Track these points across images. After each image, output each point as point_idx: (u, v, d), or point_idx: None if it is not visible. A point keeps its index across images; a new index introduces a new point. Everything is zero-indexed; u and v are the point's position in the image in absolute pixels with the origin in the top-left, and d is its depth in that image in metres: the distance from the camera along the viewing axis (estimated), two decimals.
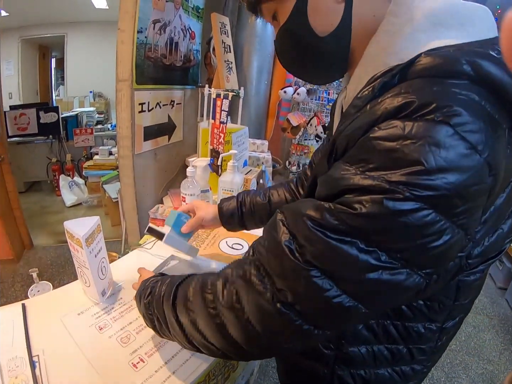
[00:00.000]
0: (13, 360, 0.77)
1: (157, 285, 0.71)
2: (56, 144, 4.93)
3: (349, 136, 0.48)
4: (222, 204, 1.09)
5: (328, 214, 0.45)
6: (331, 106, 0.84)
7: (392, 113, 0.43)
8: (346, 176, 0.45)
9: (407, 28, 0.50)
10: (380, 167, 0.42)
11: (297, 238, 0.47)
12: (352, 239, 0.43)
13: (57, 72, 6.54)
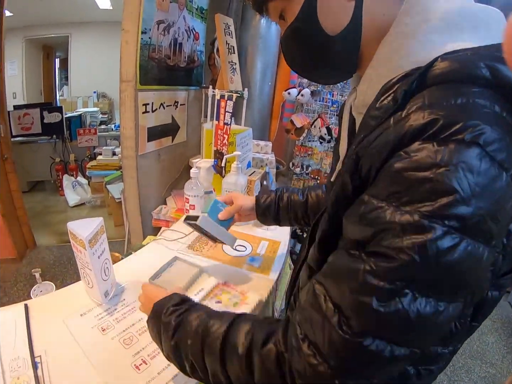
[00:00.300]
0: (15, 360, 0.76)
1: (186, 323, 0.62)
2: (60, 144, 4.96)
3: (374, 155, 0.46)
4: (259, 195, 1.11)
5: (370, 276, 0.42)
6: (340, 109, 0.82)
7: (418, 132, 0.41)
8: (379, 214, 0.43)
9: (421, 30, 0.49)
10: (415, 200, 0.40)
11: (342, 310, 0.44)
12: (400, 297, 0.41)
13: (61, 72, 6.57)
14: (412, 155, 0.41)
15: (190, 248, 1.29)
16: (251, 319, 0.58)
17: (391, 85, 0.49)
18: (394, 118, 0.46)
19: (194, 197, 1.45)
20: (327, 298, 0.46)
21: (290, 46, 0.64)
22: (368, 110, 0.52)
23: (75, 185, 4.53)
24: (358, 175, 0.49)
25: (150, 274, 1.08)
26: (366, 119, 0.52)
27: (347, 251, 0.47)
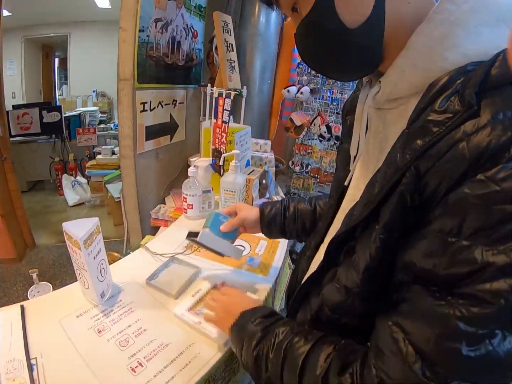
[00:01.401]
0: (11, 362, 0.75)
1: (271, 336, 0.63)
2: (59, 144, 4.96)
3: (445, 173, 0.41)
4: (264, 205, 1.03)
5: (461, 323, 0.39)
6: (343, 106, 0.79)
7: (499, 151, 0.37)
8: (469, 255, 0.39)
9: (471, 20, 0.45)
10: (508, 236, 0.36)
11: (427, 356, 0.42)
12: (491, 339, 0.38)
13: (60, 71, 6.56)
14: (501, 184, 0.36)
15: (188, 248, 1.28)
16: (334, 342, 0.56)
17: (446, 82, 0.44)
18: (465, 128, 0.41)
19: (192, 196, 1.45)
20: (407, 342, 0.44)
21: (305, 41, 0.58)
22: (422, 112, 0.47)
23: (75, 185, 4.53)
24: (418, 194, 0.45)
25: (147, 274, 1.07)
26: (424, 124, 0.45)
27: (427, 290, 0.44)
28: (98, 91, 6.33)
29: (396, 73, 0.52)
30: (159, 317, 0.94)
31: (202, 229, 0.96)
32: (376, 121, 0.61)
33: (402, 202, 0.46)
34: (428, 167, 0.43)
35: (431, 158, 0.43)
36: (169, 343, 0.85)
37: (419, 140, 0.45)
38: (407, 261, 0.46)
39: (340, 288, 0.58)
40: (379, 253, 0.50)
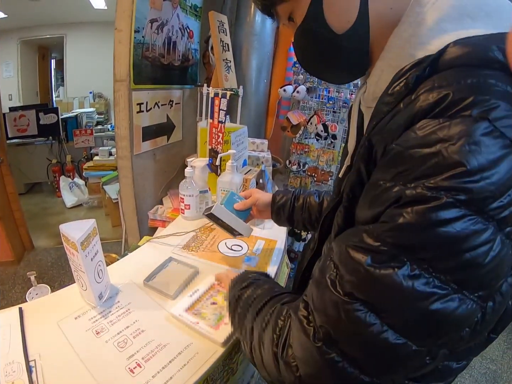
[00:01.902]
0: (10, 365, 0.75)
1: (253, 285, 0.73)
2: (56, 145, 4.95)
3: (386, 139, 0.46)
4: (277, 193, 1.11)
5: (367, 236, 0.43)
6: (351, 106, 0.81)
7: (427, 111, 0.41)
8: (388, 195, 0.43)
9: (432, 18, 0.49)
10: (421, 175, 0.40)
11: (339, 268, 0.45)
12: (395, 264, 0.40)
13: (57, 73, 6.55)
14: (417, 132, 0.41)
15: (185, 249, 1.28)
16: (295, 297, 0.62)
17: (403, 73, 0.48)
18: (404, 101, 0.46)
19: (189, 197, 1.45)
20: (331, 258, 0.48)
21: (301, 47, 0.64)
22: (381, 98, 0.52)
23: (72, 186, 4.53)
24: (373, 163, 0.49)
25: (145, 275, 1.07)
26: (378, 106, 0.51)
27: (356, 227, 0.49)
28: (95, 92, 6.32)
29: (376, 73, 0.57)
30: (157, 317, 0.94)
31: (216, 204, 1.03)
32: (367, 118, 0.64)
33: (358, 171, 0.51)
34: (377, 138, 0.48)
35: (378, 130, 0.49)
36: (167, 343, 0.85)
37: (374, 120, 0.51)
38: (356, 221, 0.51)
39: (318, 262, 0.62)
40: (344, 220, 0.55)
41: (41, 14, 5.01)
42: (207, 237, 1.38)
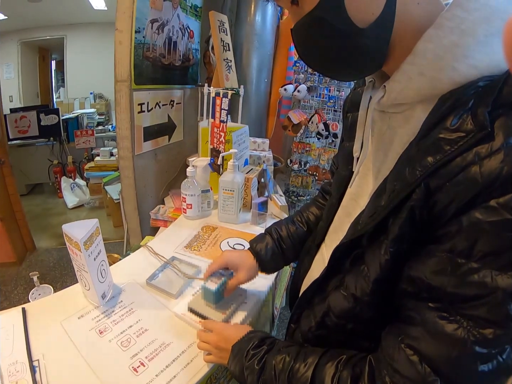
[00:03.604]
0: (14, 365, 0.76)
1: (270, 368, 0.62)
2: (57, 146, 4.95)
3: (456, 194, 0.41)
4: (256, 247, 0.92)
5: (477, 347, 0.41)
6: (344, 104, 0.79)
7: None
8: (477, 279, 0.39)
9: (482, 30, 0.43)
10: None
11: (445, 375, 0.43)
12: (503, 354, 0.40)
13: (57, 74, 6.53)
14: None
15: (187, 248, 1.28)
16: (335, 359, 0.56)
17: (457, 98, 0.44)
18: (478, 150, 0.40)
19: (191, 196, 1.45)
20: (424, 364, 0.45)
21: (307, 38, 0.54)
22: (434, 127, 0.46)
23: (74, 187, 4.53)
24: (427, 210, 0.45)
25: (148, 275, 1.08)
26: (435, 141, 0.44)
27: (434, 309, 0.45)
28: (96, 93, 6.31)
29: (402, 79, 0.50)
30: (160, 317, 0.94)
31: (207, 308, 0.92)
32: (380, 123, 0.60)
33: (411, 217, 0.46)
34: (438, 185, 0.43)
35: (442, 177, 0.43)
36: (170, 342, 0.85)
37: (430, 157, 0.44)
38: (415, 275, 0.47)
39: (348, 296, 0.59)
40: (389, 265, 0.50)
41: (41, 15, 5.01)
42: (209, 236, 1.38)
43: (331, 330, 0.63)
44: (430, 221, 0.45)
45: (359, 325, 0.59)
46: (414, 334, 0.47)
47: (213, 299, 0.89)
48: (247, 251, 0.94)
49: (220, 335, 0.77)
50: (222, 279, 0.88)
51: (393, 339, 0.50)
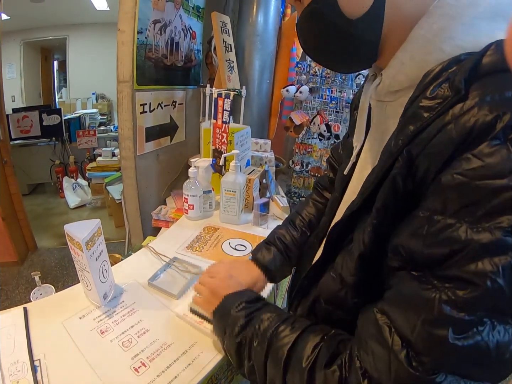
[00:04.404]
0: (15, 364, 0.76)
1: (256, 322, 0.61)
2: (59, 146, 4.95)
3: (433, 156, 0.41)
4: (264, 261, 0.92)
5: (447, 307, 0.37)
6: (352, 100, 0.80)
7: (485, 130, 0.37)
8: (451, 234, 0.38)
9: (468, 13, 0.45)
10: (493, 212, 0.35)
11: (413, 345, 0.40)
12: (479, 328, 0.36)
13: (60, 74, 6.55)
14: (485, 159, 0.36)
15: (189, 248, 1.28)
16: (322, 332, 0.55)
17: (439, 71, 0.45)
18: (453, 111, 0.41)
19: (192, 197, 1.45)
20: (393, 331, 0.42)
21: (306, 31, 0.58)
22: (415, 99, 0.47)
23: (75, 187, 4.53)
24: (411, 178, 0.45)
25: (149, 275, 1.08)
26: (416, 110, 0.46)
27: (412, 275, 0.43)
28: (98, 93, 6.33)
29: (396, 65, 0.52)
30: (161, 317, 0.94)
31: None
32: (378, 113, 0.61)
33: (394, 186, 0.46)
34: (419, 150, 0.44)
35: (421, 142, 0.43)
36: (172, 343, 0.85)
37: (411, 125, 0.46)
38: (396, 243, 0.46)
39: (336, 277, 0.58)
40: (372, 239, 0.50)
41: (44, 15, 5.02)
42: (211, 237, 1.38)
43: (319, 317, 0.63)
44: (415, 192, 0.45)
45: (346, 314, 0.58)
46: (388, 296, 0.46)
47: None
48: (253, 267, 0.93)
49: (222, 281, 0.79)
50: None
51: (368, 307, 0.49)
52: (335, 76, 2.51)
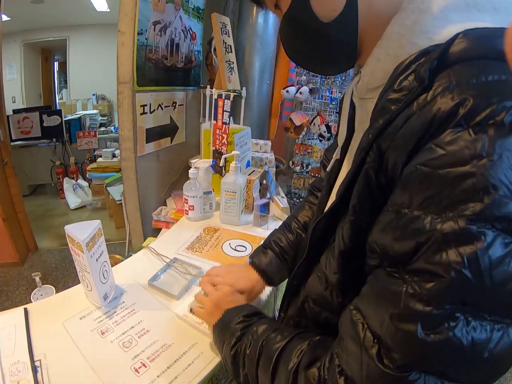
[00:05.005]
0: (15, 365, 0.76)
1: (250, 333, 0.63)
2: (60, 147, 4.96)
3: (398, 148, 0.42)
4: (261, 264, 0.93)
5: (414, 301, 0.36)
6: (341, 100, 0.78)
7: (447, 117, 0.36)
8: (417, 225, 0.37)
9: (438, 6, 0.45)
10: (456, 201, 0.35)
11: (382, 341, 0.39)
12: (450, 323, 0.35)
13: (60, 75, 6.56)
14: (446, 148, 0.36)
15: (189, 249, 1.28)
16: (309, 338, 0.55)
17: (408, 64, 0.45)
18: (418, 102, 0.41)
19: (193, 198, 1.45)
20: (365, 327, 0.42)
21: (286, 36, 0.60)
22: (384, 93, 0.47)
23: (76, 188, 4.54)
24: (383, 173, 0.44)
25: (150, 276, 1.08)
26: (384, 103, 0.46)
27: (385, 270, 0.42)
28: (98, 94, 6.33)
29: (372, 62, 0.53)
30: (161, 318, 0.94)
31: None
32: (360, 111, 0.61)
33: (367, 180, 0.46)
34: (387, 144, 0.44)
35: (389, 135, 0.44)
36: (172, 343, 0.85)
37: (380, 119, 0.46)
38: (370, 240, 0.46)
39: (321, 276, 0.59)
40: (351, 236, 0.50)
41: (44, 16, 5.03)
42: (211, 237, 1.38)
43: (309, 319, 0.64)
44: (388, 185, 0.44)
45: (333, 315, 0.58)
46: (362, 294, 0.46)
47: None
48: (251, 271, 0.93)
49: (226, 295, 0.80)
50: None
51: (347, 307, 0.49)
52: (335, 77, 2.51)
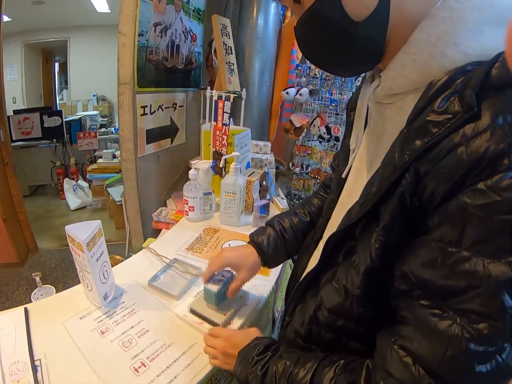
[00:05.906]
0: (15, 364, 0.76)
1: (271, 374, 0.62)
2: (60, 148, 4.96)
3: (442, 177, 0.41)
4: (257, 239, 0.91)
5: (472, 344, 0.39)
6: (349, 101, 0.78)
7: (498, 157, 0.36)
8: (468, 268, 0.38)
9: (472, 17, 0.43)
10: (509, 248, 0.36)
11: (440, 377, 0.41)
12: (501, 353, 0.39)
13: (61, 76, 6.57)
14: (502, 194, 0.36)
15: (189, 250, 1.29)
16: (334, 363, 0.56)
17: (446, 82, 0.43)
18: (465, 131, 0.40)
19: (193, 199, 1.45)
20: (417, 366, 0.43)
21: (307, 33, 0.55)
22: (422, 112, 0.46)
23: (76, 189, 4.54)
24: (418, 196, 0.44)
25: (150, 276, 1.08)
26: (423, 123, 0.44)
27: (427, 307, 0.43)
28: (98, 95, 6.34)
29: (396, 67, 0.51)
30: (161, 318, 0.95)
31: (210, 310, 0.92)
32: (376, 115, 0.60)
33: (402, 203, 0.45)
34: (427, 169, 0.43)
35: (430, 160, 0.42)
36: (172, 343, 0.86)
37: (418, 140, 0.44)
38: (406, 270, 0.46)
39: (339, 289, 0.58)
40: (379, 255, 0.49)
41: (45, 17, 5.04)
42: (211, 238, 1.39)
43: (322, 326, 0.63)
44: (421, 209, 0.44)
45: (350, 322, 0.58)
46: (406, 333, 0.46)
47: (215, 301, 0.89)
48: (248, 246, 0.92)
49: (227, 341, 0.77)
50: (224, 280, 0.88)
51: (386, 340, 0.49)
52: (335, 78, 2.51)
